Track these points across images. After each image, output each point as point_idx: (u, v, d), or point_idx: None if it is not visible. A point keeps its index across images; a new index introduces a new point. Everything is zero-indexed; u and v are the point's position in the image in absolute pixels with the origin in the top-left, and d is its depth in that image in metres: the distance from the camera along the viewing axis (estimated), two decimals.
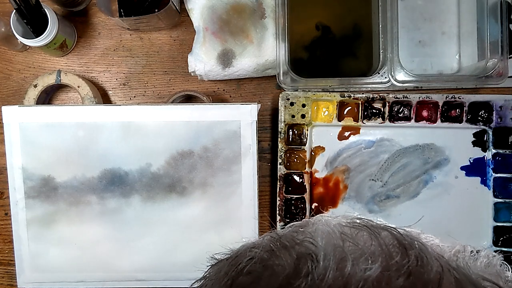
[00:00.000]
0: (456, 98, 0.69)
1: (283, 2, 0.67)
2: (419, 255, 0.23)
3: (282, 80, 0.68)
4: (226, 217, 0.66)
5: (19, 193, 0.65)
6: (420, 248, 0.23)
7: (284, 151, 0.70)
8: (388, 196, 0.72)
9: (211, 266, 0.27)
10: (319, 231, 0.25)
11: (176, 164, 0.65)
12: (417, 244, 0.23)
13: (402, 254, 0.22)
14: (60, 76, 0.70)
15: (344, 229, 0.25)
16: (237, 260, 0.25)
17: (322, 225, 0.26)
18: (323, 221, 0.26)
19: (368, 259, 0.22)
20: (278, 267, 0.23)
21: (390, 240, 0.24)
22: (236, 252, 0.26)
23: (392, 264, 0.22)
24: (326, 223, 0.26)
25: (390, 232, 0.24)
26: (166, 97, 0.73)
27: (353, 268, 0.22)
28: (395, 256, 0.22)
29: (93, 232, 0.66)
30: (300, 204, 0.71)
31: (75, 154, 0.64)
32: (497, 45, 0.67)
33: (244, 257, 0.25)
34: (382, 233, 0.24)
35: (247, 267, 0.24)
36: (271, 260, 0.24)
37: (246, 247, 0.26)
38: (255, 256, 0.24)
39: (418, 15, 0.72)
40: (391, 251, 0.23)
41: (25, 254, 0.66)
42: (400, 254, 0.23)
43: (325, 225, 0.26)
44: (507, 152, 0.71)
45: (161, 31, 0.73)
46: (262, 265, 0.24)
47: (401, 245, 0.23)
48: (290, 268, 0.23)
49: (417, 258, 0.22)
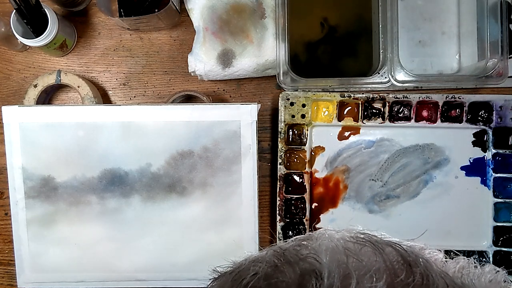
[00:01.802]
0: (456, 98, 0.69)
1: (283, 2, 0.67)
2: (424, 273, 0.22)
3: (282, 80, 0.68)
4: (226, 217, 0.66)
5: (19, 193, 0.65)
6: (425, 266, 0.23)
7: (284, 151, 0.70)
8: (388, 196, 0.72)
9: (213, 280, 0.26)
10: (323, 246, 0.25)
11: (176, 164, 0.65)
12: (422, 261, 0.23)
13: (407, 271, 0.22)
14: (60, 76, 0.70)
15: (348, 245, 0.24)
16: (240, 275, 0.25)
17: (325, 240, 0.25)
18: (326, 236, 0.26)
19: (372, 276, 0.22)
20: (282, 283, 0.23)
21: (394, 257, 0.23)
22: (239, 266, 0.26)
23: (397, 282, 0.22)
24: (330, 238, 0.25)
25: (394, 248, 0.24)
26: (166, 97, 0.73)
27: (358, 286, 0.22)
28: (400, 274, 0.22)
29: (93, 232, 0.66)
30: (300, 204, 0.71)
31: (75, 154, 0.64)
32: (497, 45, 0.67)
33: (248, 273, 0.24)
34: (386, 249, 0.24)
35: (250, 283, 0.24)
36: (275, 276, 0.23)
37: (249, 261, 0.25)
38: (258, 272, 0.24)
39: (418, 15, 0.72)
40: (396, 268, 0.23)
41: (25, 254, 0.66)
42: (405, 272, 0.22)
43: (328, 240, 0.25)
44: (507, 152, 0.71)
45: (161, 31, 0.73)
46: (266, 282, 0.23)
47: (405, 262, 0.23)
48: (295, 285, 0.22)
49: (422, 276, 0.22)
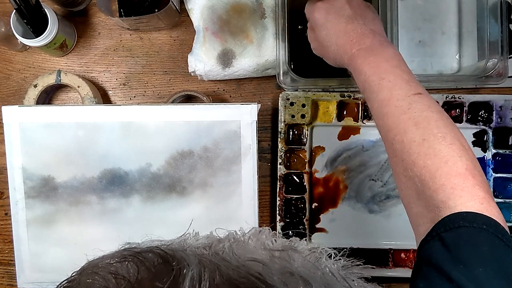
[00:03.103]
0: (456, 98, 0.69)
1: (283, 2, 0.67)
2: (181, 264, 0.24)
3: (282, 80, 0.68)
4: (226, 217, 0.66)
5: (19, 193, 0.65)
6: (181, 257, 0.25)
7: (284, 151, 0.70)
8: (388, 196, 0.72)
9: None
10: (83, 283, 0.25)
11: (176, 164, 0.65)
12: (179, 254, 0.25)
13: (166, 268, 0.24)
14: (60, 76, 0.70)
15: (112, 267, 0.25)
16: None
17: (87, 275, 0.26)
18: (89, 270, 0.27)
19: (135, 286, 0.24)
20: None
21: (155, 260, 0.25)
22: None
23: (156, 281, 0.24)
24: (93, 269, 0.26)
25: (153, 252, 0.26)
26: (166, 97, 0.73)
27: None
28: (162, 274, 0.24)
29: (93, 232, 0.66)
30: (300, 204, 0.71)
31: (75, 154, 0.64)
32: (497, 45, 0.67)
33: None
34: (147, 255, 0.26)
35: None
36: None
37: None
38: None
39: (418, 15, 0.72)
40: (158, 269, 0.24)
41: (25, 254, 0.66)
42: (165, 269, 0.24)
43: (91, 273, 0.26)
44: (507, 152, 0.71)
45: (161, 31, 0.73)
46: None
47: (164, 260, 0.25)
48: None
49: (180, 269, 0.24)
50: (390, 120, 0.47)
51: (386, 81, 0.48)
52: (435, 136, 0.44)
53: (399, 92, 0.47)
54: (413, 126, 0.45)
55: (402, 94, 0.47)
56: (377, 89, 0.48)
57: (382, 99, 0.48)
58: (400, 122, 0.46)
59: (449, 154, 0.43)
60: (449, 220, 0.39)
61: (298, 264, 0.28)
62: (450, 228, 0.39)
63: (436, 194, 0.41)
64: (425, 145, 0.44)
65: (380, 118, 0.48)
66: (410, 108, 0.46)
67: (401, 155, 0.45)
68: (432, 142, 0.44)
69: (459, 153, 0.43)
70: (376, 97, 0.49)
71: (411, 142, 0.44)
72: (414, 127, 0.45)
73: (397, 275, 0.71)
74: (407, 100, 0.46)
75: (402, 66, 0.50)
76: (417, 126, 0.45)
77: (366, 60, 0.50)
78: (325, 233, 0.72)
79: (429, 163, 0.43)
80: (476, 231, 0.38)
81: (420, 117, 0.45)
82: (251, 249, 0.29)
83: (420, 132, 0.44)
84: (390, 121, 0.47)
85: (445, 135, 0.44)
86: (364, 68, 0.50)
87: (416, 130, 0.45)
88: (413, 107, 0.46)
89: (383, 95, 0.48)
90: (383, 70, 0.49)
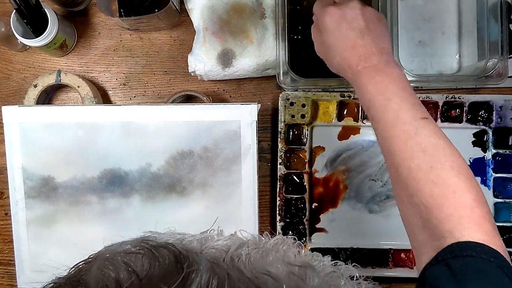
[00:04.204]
0: (456, 98, 0.69)
1: (283, 2, 0.67)
2: (191, 267, 0.24)
3: (282, 80, 0.68)
4: (226, 217, 0.66)
5: (19, 193, 0.65)
6: (193, 260, 0.25)
7: (284, 151, 0.70)
8: (388, 196, 0.72)
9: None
10: (94, 269, 0.26)
11: (176, 164, 0.65)
12: (193, 256, 0.25)
13: (178, 269, 0.24)
14: (60, 76, 0.70)
15: (127, 258, 0.26)
16: None
17: (100, 260, 0.27)
18: (106, 255, 0.27)
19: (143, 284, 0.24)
20: None
21: (167, 258, 0.25)
22: None
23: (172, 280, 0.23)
24: (109, 255, 0.27)
25: (168, 249, 0.26)
26: (166, 97, 0.73)
27: None
28: (174, 273, 0.24)
29: (93, 232, 0.66)
30: (300, 204, 0.71)
31: (75, 154, 0.64)
32: (497, 45, 0.67)
33: None
34: (161, 251, 0.26)
35: None
36: None
37: None
38: None
39: (418, 15, 0.72)
40: (171, 268, 0.24)
41: (25, 254, 0.66)
42: (177, 269, 0.24)
43: (104, 259, 0.26)
44: (507, 152, 0.71)
45: (161, 31, 0.73)
46: None
47: (177, 260, 0.25)
48: None
49: (189, 272, 0.24)
50: (396, 144, 0.46)
51: (393, 103, 0.47)
52: (442, 165, 0.44)
53: (405, 115, 0.46)
54: (421, 153, 0.44)
55: (409, 117, 0.46)
56: (383, 110, 0.48)
57: (387, 121, 0.47)
58: (406, 147, 0.45)
59: (457, 184, 0.43)
60: (457, 248, 0.39)
61: (314, 284, 0.27)
62: (457, 255, 0.39)
63: (443, 224, 0.41)
64: (432, 173, 0.43)
65: (385, 140, 0.48)
66: (417, 133, 0.45)
67: (407, 181, 0.45)
68: (440, 170, 0.43)
69: (467, 183, 0.43)
70: (381, 118, 0.48)
71: (418, 169, 0.44)
72: (422, 154, 0.44)
73: (397, 275, 0.71)
74: (414, 125, 0.46)
75: (408, 88, 0.49)
76: (425, 153, 0.44)
77: (372, 80, 0.49)
78: (325, 233, 0.72)
79: (436, 192, 0.43)
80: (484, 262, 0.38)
81: (427, 143, 0.45)
82: (270, 260, 0.28)
83: (428, 159, 0.44)
84: (396, 145, 0.46)
85: (452, 164, 0.44)
86: (369, 87, 0.49)
87: (424, 157, 0.44)
88: (420, 132, 0.45)
89: (389, 117, 0.47)
90: (390, 91, 0.48)
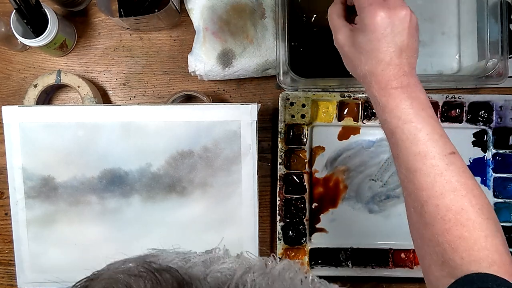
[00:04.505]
0: (456, 98, 0.69)
1: (283, 2, 0.67)
2: None
3: (282, 80, 0.68)
4: (226, 217, 0.66)
5: (19, 193, 0.65)
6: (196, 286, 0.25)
7: (284, 151, 0.70)
8: (388, 196, 0.72)
9: None
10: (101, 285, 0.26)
11: (176, 164, 0.65)
12: (196, 284, 0.25)
13: None
14: (60, 76, 0.70)
15: (129, 280, 0.25)
16: None
17: (104, 281, 0.26)
18: (110, 273, 0.27)
19: None
20: None
21: (170, 284, 0.25)
22: None
23: None
24: (113, 274, 0.26)
25: (171, 274, 0.26)
26: (166, 97, 0.73)
27: None
28: None
29: (93, 232, 0.66)
30: (300, 204, 0.71)
31: (75, 154, 0.64)
32: (497, 45, 0.67)
33: None
34: (164, 275, 0.26)
35: None
36: None
37: None
38: None
39: (418, 15, 0.71)
40: None
41: (25, 254, 0.66)
42: None
43: (107, 280, 0.26)
44: (507, 152, 0.71)
45: (161, 31, 0.73)
46: None
47: (180, 286, 0.25)
48: None
49: None
50: (423, 178, 0.44)
51: (423, 134, 0.45)
52: (473, 208, 0.43)
53: (435, 148, 0.45)
54: (451, 192, 0.44)
55: (439, 151, 0.45)
56: (411, 139, 0.45)
57: (416, 152, 0.45)
58: (435, 184, 0.44)
59: (488, 228, 0.42)
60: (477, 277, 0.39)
61: None
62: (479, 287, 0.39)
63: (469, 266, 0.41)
64: (463, 215, 0.43)
65: (410, 172, 0.46)
66: (447, 170, 0.44)
67: (433, 220, 0.44)
68: (471, 213, 0.43)
69: (496, 227, 0.43)
70: (408, 148, 0.46)
71: (447, 209, 0.43)
72: (452, 193, 0.43)
73: (397, 275, 0.71)
74: (444, 160, 0.44)
75: (435, 116, 0.47)
76: (455, 193, 0.43)
77: (403, 103, 0.46)
78: (325, 233, 0.72)
79: (466, 235, 0.42)
80: None
81: (457, 182, 0.44)
82: (275, 286, 0.27)
83: (458, 200, 0.43)
84: (423, 180, 0.44)
85: (482, 207, 0.43)
86: (398, 112, 0.46)
87: (454, 197, 0.43)
88: (450, 170, 0.44)
89: (418, 148, 0.45)
90: (420, 120, 0.46)
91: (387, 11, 0.47)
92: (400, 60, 0.47)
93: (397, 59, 0.47)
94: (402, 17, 0.48)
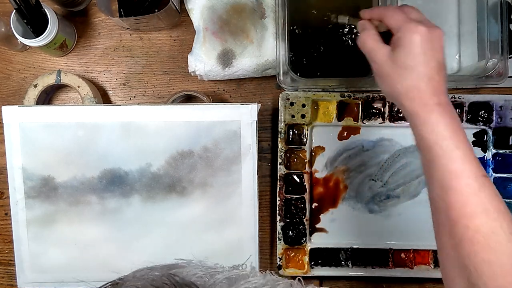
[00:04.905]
0: (456, 98, 0.69)
1: (283, 2, 0.67)
2: None
3: (282, 80, 0.68)
4: (226, 217, 0.66)
5: (19, 193, 0.65)
6: None
7: (284, 151, 0.70)
8: (388, 196, 0.72)
9: None
10: None
11: (176, 164, 0.65)
12: None
13: None
14: (60, 76, 0.70)
15: None
16: None
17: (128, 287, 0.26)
18: (133, 280, 0.27)
19: None
20: None
21: None
22: None
23: None
24: (138, 281, 0.27)
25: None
26: (166, 97, 0.73)
27: None
28: None
29: (93, 232, 0.66)
30: (300, 204, 0.71)
31: (75, 154, 0.65)
32: (497, 45, 0.67)
33: None
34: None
35: None
36: None
37: None
38: None
39: None
40: None
41: (25, 254, 0.66)
42: None
43: None
44: (507, 152, 0.71)
45: (161, 31, 0.73)
46: None
47: None
48: None
49: None
50: (456, 197, 0.44)
51: (461, 152, 0.45)
52: (504, 232, 0.42)
53: (471, 168, 0.44)
54: (483, 214, 0.43)
55: (474, 172, 0.44)
56: (448, 156, 0.45)
57: (452, 170, 0.45)
58: (468, 204, 0.43)
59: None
60: None
61: None
62: None
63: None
64: (493, 238, 0.42)
65: (444, 189, 0.45)
66: (480, 191, 0.44)
67: (461, 241, 0.43)
68: (502, 237, 0.42)
69: None
70: (445, 165, 0.45)
71: (476, 231, 0.43)
72: (484, 215, 0.43)
73: (397, 275, 0.71)
74: (478, 181, 0.44)
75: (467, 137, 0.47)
76: (487, 215, 0.43)
77: (444, 120, 0.46)
78: (325, 233, 0.72)
79: (493, 259, 0.42)
80: None
81: (490, 204, 0.43)
82: None
83: (490, 222, 0.43)
84: (455, 199, 0.44)
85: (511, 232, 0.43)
86: (438, 128, 0.46)
87: (486, 219, 0.43)
88: (483, 191, 0.44)
89: (454, 166, 0.45)
90: (460, 139, 0.46)
91: (427, 28, 0.48)
92: (439, 77, 0.48)
93: (437, 76, 0.48)
94: (438, 35, 0.49)
